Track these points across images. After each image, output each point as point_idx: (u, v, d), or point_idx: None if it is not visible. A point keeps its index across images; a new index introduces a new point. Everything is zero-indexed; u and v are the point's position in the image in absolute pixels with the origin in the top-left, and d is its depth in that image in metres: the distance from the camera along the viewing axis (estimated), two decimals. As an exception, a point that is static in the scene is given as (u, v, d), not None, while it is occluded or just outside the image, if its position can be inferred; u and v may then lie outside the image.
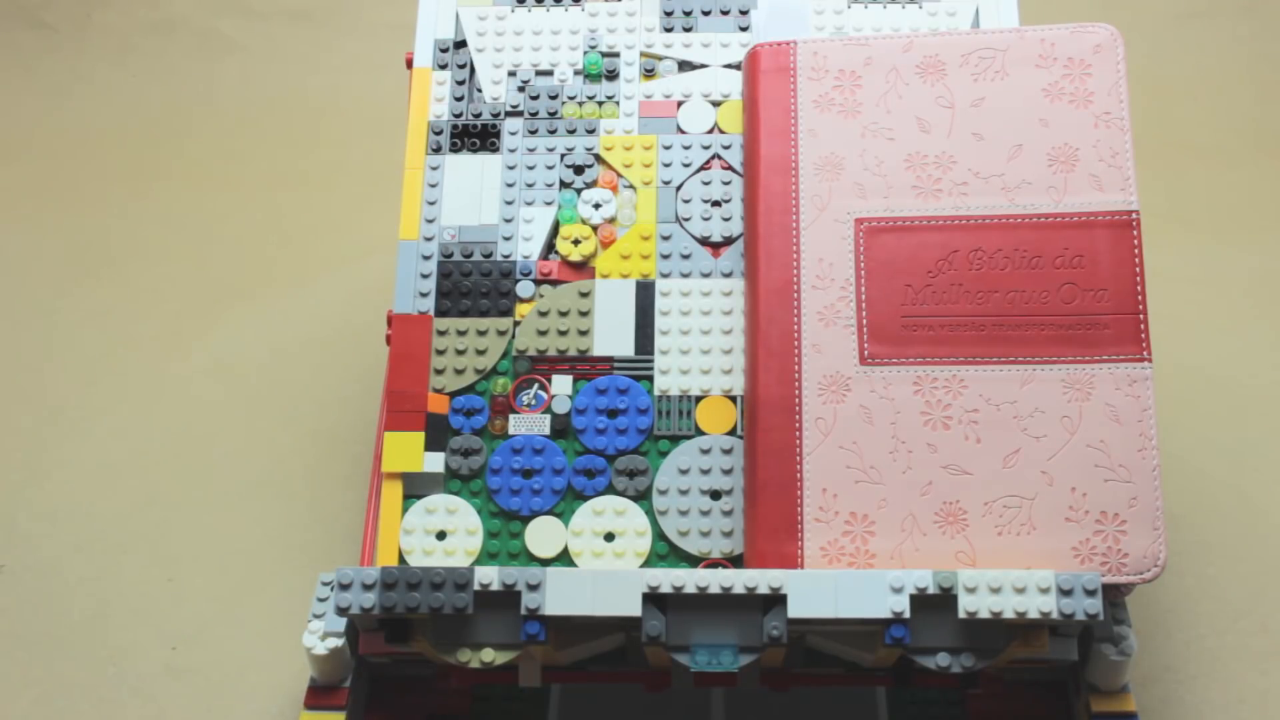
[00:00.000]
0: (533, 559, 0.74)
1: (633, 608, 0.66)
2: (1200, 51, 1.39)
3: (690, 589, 0.66)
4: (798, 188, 0.75)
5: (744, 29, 0.84)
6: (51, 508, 0.97)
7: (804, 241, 0.74)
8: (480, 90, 0.83)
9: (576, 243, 0.79)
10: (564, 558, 0.74)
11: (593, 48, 0.84)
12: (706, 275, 0.78)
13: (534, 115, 0.83)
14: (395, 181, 0.87)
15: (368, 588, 0.67)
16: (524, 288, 0.79)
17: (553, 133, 0.82)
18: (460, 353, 0.78)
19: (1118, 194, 0.73)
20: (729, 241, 0.79)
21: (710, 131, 0.82)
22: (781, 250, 0.74)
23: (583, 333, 0.78)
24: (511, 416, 0.77)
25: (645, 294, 0.78)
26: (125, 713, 0.83)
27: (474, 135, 0.82)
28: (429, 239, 0.80)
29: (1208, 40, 1.40)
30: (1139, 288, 0.71)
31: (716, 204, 0.80)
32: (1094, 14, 1.31)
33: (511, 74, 0.84)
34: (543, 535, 0.74)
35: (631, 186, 0.81)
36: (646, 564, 0.73)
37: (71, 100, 1.45)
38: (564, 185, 0.81)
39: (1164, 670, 0.83)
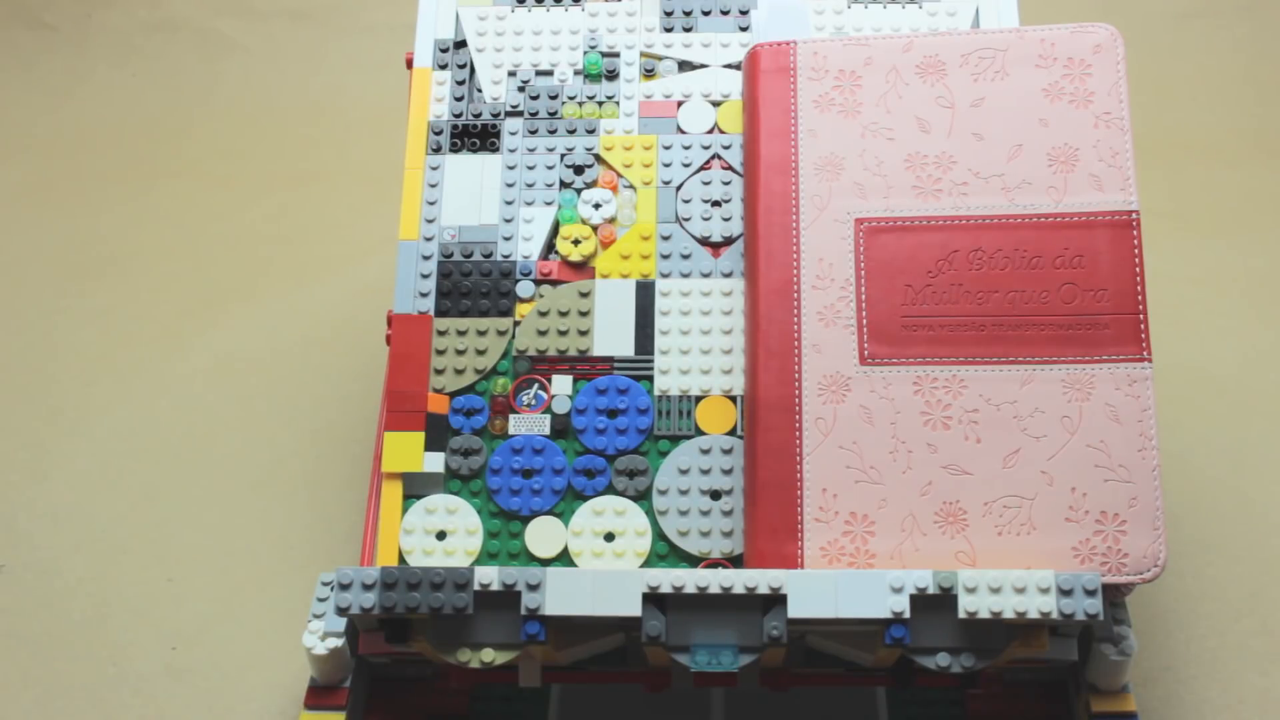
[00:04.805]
0: (533, 559, 0.74)
1: (633, 608, 0.66)
2: (1200, 51, 1.39)
3: (690, 589, 0.66)
4: (798, 188, 0.75)
5: (744, 29, 0.84)
6: (51, 508, 0.97)
7: (804, 241, 0.74)
8: (480, 90, 0.83)
9: (576, 243, 0.79)
10: (564, 558, 0.74)
11: (593, 48, 0.84)
12: (706, 275, 0.78)
13: (534, 115, 0.83)
14: (395, 181, 0.87)
15: (368, 588, 0.67)
16: (524, 288, 0.79)
17: (553, 133, 0.82)
18: (460, 353, 0.78)
19: (1118, 194, 0.73)
20: (729, 241, 0.79)
21: (710, 131, 0.82)
22: (781, 250, 0.74)
23: (583, 333, 0.78)
24: (511, 416, 0.76)
25: (645, 294, 0.78)
26: (125, 713, 0.83)
27: (474, 135, 0.82)
28: (429, 239, 0.80)
29: (1208, 40, 1.40)
30: (1139, 288, 0.71)
31: (716, 204, 0.80)
32: (1094, 14, 1.31)
33: (511, 74, 0.84)
34: (543, 535, 0.74)
35: (631, 186, 0.81)
36: (646, 564, 0.73)
37: (71, 100, 1.45)
38: (564, 185, 0.81)
39: (1164, 670, 0.83)
